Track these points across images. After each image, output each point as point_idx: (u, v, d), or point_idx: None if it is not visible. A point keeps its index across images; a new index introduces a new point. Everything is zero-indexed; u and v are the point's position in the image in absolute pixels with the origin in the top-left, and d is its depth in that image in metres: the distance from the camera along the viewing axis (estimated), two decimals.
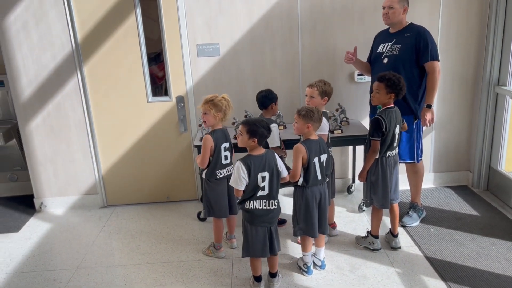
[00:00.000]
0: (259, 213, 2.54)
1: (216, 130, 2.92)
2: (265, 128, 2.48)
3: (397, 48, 3.17)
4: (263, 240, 2.58)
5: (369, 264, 2.94)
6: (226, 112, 2.88)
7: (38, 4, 3.50)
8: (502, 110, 3.65)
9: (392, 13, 3.15)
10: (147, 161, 3.94)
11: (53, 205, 4.01)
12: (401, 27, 3.20)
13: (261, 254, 2.61)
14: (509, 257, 2.91)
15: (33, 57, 3.62)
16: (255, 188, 2.50)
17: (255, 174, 2.48)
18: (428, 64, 3.11)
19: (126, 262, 3.13)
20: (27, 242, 3.49)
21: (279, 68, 3.76)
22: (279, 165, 2.56)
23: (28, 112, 3.75)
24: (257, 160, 2.49)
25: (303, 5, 3.62)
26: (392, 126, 2.84)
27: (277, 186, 2.56)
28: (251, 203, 2.52)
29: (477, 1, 3.65)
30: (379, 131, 2.83)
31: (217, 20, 3.62)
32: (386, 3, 3.18)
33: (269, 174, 2.51)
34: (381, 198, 2.96)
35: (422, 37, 3.10)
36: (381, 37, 3.35)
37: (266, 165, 2.50)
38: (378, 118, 2.83)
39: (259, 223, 2.55)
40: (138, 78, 3.72)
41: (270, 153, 2.56)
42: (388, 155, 2.91)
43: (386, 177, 2.92)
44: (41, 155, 3.86)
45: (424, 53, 3.09)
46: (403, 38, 3.17)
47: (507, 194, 3.64)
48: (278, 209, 2.61)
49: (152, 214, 3.85)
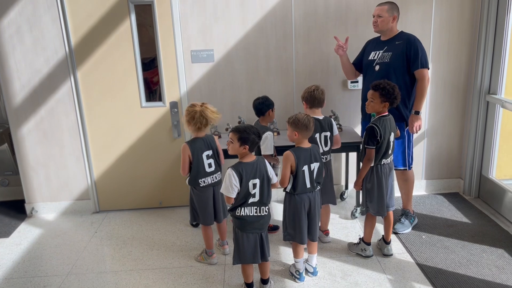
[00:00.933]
0: (250, 219, 2.54)
1: (195, 139, 2.90)
2: (256, 135, 2.48)
3: (388, 55, 3.21)
4: (254, 247, 2.58)
5: (361, 271, 2.95)
6: (201, 122, 2.83)
7: (32, 9, 3.50)
8: (492, 118, 3.69)
9: (381, 21, 3.20)
10: (140, 167, 3.93)
11: (44, 210, 3.98)
12: (392, 35, 3.25)
13: (252, 260, 2.60)
14: (499, 264, 2.93)
15: (26, 62, 3.61)
16: (246, 195, 2.50)
17: (247, 181, 2.48)
18: (418, 72, 3.15)
19: (117, 268, 3.11)
20: (17, 247, 3.46)
21: (273, 74, 3.77)
22: (269, 172, 2.56)
23: (21, 117, 3.73)
24: (248, 167, 2.49)
25: (297, 12, 3.65)
26: (386, 134, 2.86)
27: (268, 192, 2.56)
28: (242, 210, 2.52)
29: (468, 11, 3.70)
30: (373, 139, 2.85)
31: (211, 27, 3.64)
32: (375, 11, 3.24)
33: (260, 180, 2.51)
34: (377, 206, 2.97)
35: (412, 45, 3.14)
36: (372, 44, 3.39)
37: (257, 172, 2.51)
38: (373, 127, 2.84)
39: (250, 229, 2.56)
40: (131, 83, 3.72)
41: (260, 159, 2.56)
42: (383, 162, 2.93)
43: (381, 185, 2.94)
44: (33, 160, 3.84)
45: (414, 60, 3.13)
46: (394, 46, 3.21)
47: (498, 202, 3.67)
48: (268, 215, 2.61)
49: (144, 220, 3.83)
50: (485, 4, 3.54)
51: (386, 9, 3.18)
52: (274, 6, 3.62)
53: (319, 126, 2.97)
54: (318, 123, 2.96)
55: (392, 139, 2.92)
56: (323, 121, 3.00)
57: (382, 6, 3.21)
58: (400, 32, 3.25)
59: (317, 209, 2.79)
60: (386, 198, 2.96)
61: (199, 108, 2.83)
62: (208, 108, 2.85)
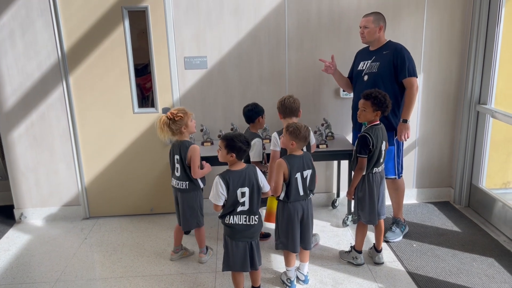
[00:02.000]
0: (240, 228, 2.52)
1: (174, 141, 3.03)
2: (243, 143, 2.46)
3: (376, 65, 3.23)
4: (243, 255, 2.56)
5: (352, 279, 2.95)
6: (164, 129, 2.91)
7: (25, 13, 3.48)
8: (483, 128, 3.73)
9: (367, 32, 3.23)
10: (132, 173, 3.91)
11: (33, 216, 3.94)
12: (380, 44, 3.27)
13: (241, 268, 2.59)
14: (489, 273, 2.95)
15: (18, 66, 3.58)
16: (234, 204, 2.48)
17: (234, 189, 2.46)
18: (406, 80, 3.17)
19: (107, 275, 3.08)
20: (5, 254, 3.41)
21: (266, 82, 3.79)
22: (260, 180, 2.53)
23: (11, 121, 3.70)
24: (236, 175, 2.48)
25: (291, 20, 3.67)
26: (378, 143, 2.88)
27: (258, 201, 2.54)
28: (231, 218, 2.51)
29: (459, 21, 3.75)
30: (366, 148, 2.86)
31: (205, 33, 3.65)
32: (361, 23, 3.28)
33: (249, 189, 2.49)
34: (368, 215, 2.98)
35: (399, 54, 3.17)
36: (361, 54, 3.42)
37: (246, 180, 2.49)
38: (365, 135, 2.86)
39: (239, 237, 2.54)
40: (124, 89, 3.71)
41: (250, 168, 2.54)
42: (374, 171, 2.94)
43: (373, 193, 2.95)
44: (23, 165, 3.80)
45: (401, 69, 3.16)
46: (381, 56, 3.23)
47: (487, 211, 3.70)
48: (259, 224, 2.59)
49: (135, 227, 3.80)
50: (475, 14, 3.60)
51: (371, 20, 3.20)
52: (267, 14, 3.64)
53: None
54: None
55: (383, 148, 2.94)
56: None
57: (368, 17, 3.24)
58: (387, 42, 3.28)
59: (310, 217, 2.79)
60: (377, 207, 2.98)
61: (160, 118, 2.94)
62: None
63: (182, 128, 2.94)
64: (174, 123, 2.90)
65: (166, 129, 2.91)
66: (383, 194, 3.03)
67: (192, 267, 3.14)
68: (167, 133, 2.93)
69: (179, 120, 2.90)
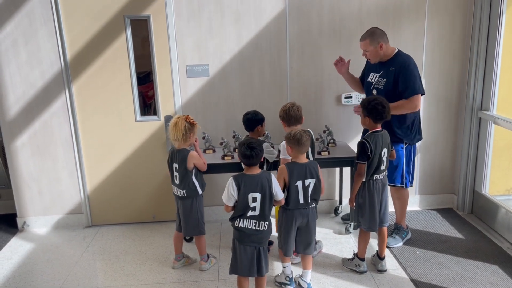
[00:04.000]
0: (248, 232, 2.54)
1: (172, 150, 3.09)
2: (245, 149, 2.49)
3: (383, 82, 3.20)
4: (250, 260, 2.57)
5: (355, 286, 2.93)
6: (178, 125, 2.95)
7: (28, 22, 3.51)
8: (485, 135, 3.73)
9: (370, 55, 3.20)
10: (134, 181, 3.91)
11: (36, 225, 3.94)
12: (388, 57, 3.20)
13: (247, 273, 2.60)
14: (493, 281, 2.93)
15: (21, 75, 3.61)
16: (245, 208, 2.51)
17: (245, 193, 2.49)
18: (409, 99, 3.10)
19: (109, 283, 3.07)
20: (8, 262, 3.41)
21: (268, 89, 3.80)
22: (273, 188, 2.54)
23: (14, 130, 3.72)
24: (248, 180, 2.51)
25: (292, 28, 3.69)
26: (378, 150, 2.87)
27: (269, 208, 2.56)
28: (241, 221, 2.53)
29: (460, 28, 3.76)
30: (364, 154, 2.86)
31: (207, 42, 3.67)
32: (361, 47, 3.23)
33: (261, 195, 2.51)
34: (368, 221, 2.98)
35: (401, 73, 3.09)
36: (372, 64, 3.30)
37: (258, 186, 2.50)
38: (364, 142, 2.86)
39: (248, 242, 2.55)
40: (126, 97, 3.72)
41: (265, 174, 2.56)
42: (375, 178, 2.93)
43: (373, 200, 2.94)
44: (25, 173, 3.82)
45: (404, 90, 3.10)
46: (388, 72, 3.17)
47: (491, 217, 3.68)
48: (268, 231, 2.60)
49: (137, 234, 3.80)
50: (476, 20, 3.61)
51: (368, 42, 3.14)
52: (268, 22, 3.66)
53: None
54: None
55: (384, 155, 2.93)
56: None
57: (364, 40, 3.17)
58: (396, 54, 3.18)
59: (312, 224, 2.79)
60: (378, 214, 2.97)
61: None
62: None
63: (190, 135, 2.98)
64: (190, 127, 2.96)
65: (181, 127, 2.93)
66: (386, 201, 3.02)
67: (194, 275, 3.13)
68: (180, 131, 2.93)
69: (194, 125, 2.98)
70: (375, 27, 3.22)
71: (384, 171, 2.98)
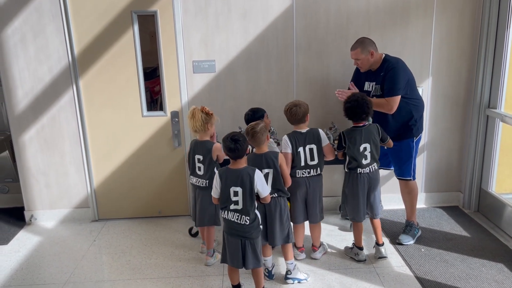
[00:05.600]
0: (231, 224, 2.62)
1: (194, 141, 3.17)
2: (229, 141, 2.54)
3: (379, 88, 3.25)
4: (234, 251, 2.64)
5: (359, 283, 2.94)
6: (195, 117, 3.02)
7: (36, 18, 3.54)
8: (492, 132, 3.70)
9: (361, 63, 3.25)
10: (140, 175, 3.93)
11: (43, 218, 3.98)
12: (378, 65, 3.26)
13: (231, 263, 2.68)
14: (498, 279, 2.92)
15: (29, 70, 3.64)
16: (226, 200, 2.59)
17: (227, 187, 2.57)
18: (388, 99, 3.17)
19: (115, 277, 3.10)
20: (16, 255, 3.45)
21: (274, 86, 3.80)
22: (256, 184, 2.56)
23: (22, 124, 3.75)
24: (231, 174, 2.59)
25: (299, 25, 3.68)
26: (355, 144, 2.98)
27: (251, 203, 2.58)
28: (225, 213, 2.62)
29: (468, 25, 3.73)
30: (339, 144, 3.08)
31: (213, 37, 3.67)
32: (352, 56, 3.27)
33: (242, 190, 2.56)
34: (351, 211, 3.12)
35: (387, 75, 3.17)
36: (365, 73, 3.36)
37: (240, 181, 2.56)
38: (340, 133, 3.08)
39: (232, 233, 2.63)
40: (133, 92, 3.74)
41: (248, 169, 2.59)
42: (359, 171, 3.03)
43: (356, 192, 3.06)
44: (33, 167, 3.85)
45: (385, 91, 3.18)
46: (379, 79, 3.24)
47: (497, 216, 3.67)
48: (252, 226, 2.61)
49: (143, 229, 3.82)
50: (485, 17, 3.58)
51: (359, 51, 3.19)
52: (275, 18, 3.66)
53: (301, 139, 3.02)
54: (300, 136, 3.02)
55: (366, 150, 3.00)
56: (306, 134, 3.03)
57: (355, 49, 3.21)
58: (384, 60, 3.25)
59: (274, 216, 2.84)
60: (362, 206, 3.08)
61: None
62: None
63: (208, 125, 3.05)
64: (206, 117, 3.03)
65: (198, 117, 3.01)
66: (375, 195, 3.11)
67: (199, 271, 3.15)
68: (198, 121, 3.01)
69: (210, 115, 3.05)
70: (363, 37, 3.29)
71: (369, 166, 3.04)
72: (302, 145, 3.01)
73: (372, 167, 3.06)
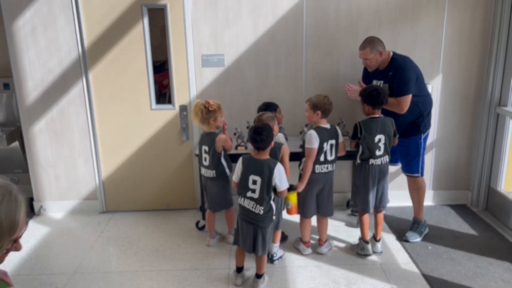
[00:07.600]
0: (246, 212, 2.69)
1: (202, 133, 3.27)
2: (253, 132, 2.62)
3: (387, 87, 3.23)
4: (246, 235, 2.72)
5: (365, 279, 2.94)
6: (198, 114, 3.13)
7: (47, 10, 3.55)
8: (502, 131, 3.67)
9: (370, 63, 3.24)
10: (148, 168, 3.95)
11: (52, 209, 4.02)
12: (386, 64, 3.25)
13: (242, 245, 2.77)
14: (506, 278, 2.91)
15: (40, 62, 3.66)
16: (244, 187, 2.67)
17: (247, 174, 2.65)
18: (399, 99, 3.17)
19: (122, 268, 3.13)
20: (25, 245, 3.44)
21: (283, 80, 3.79)
22: (274, 177, 2.62)
23: (32, 116, 3.78)
24: (252, 162, 2.66)
25: (309, 20, 3.67)
26: (371, 135, 3.00)
27: (267, 194, 2.65)
28: (242, 199, 2.71)
29: (480, 22, 3.69)
30: (354, 134, 3.09)
31: (223, 31, 3.67)
32: (360, 55, 3.26)
33: (261, 180, 2.62)
34: (361, 202, 3.16)
35: (396, 75, 3.16)
36: (373, 71, 3.35)
37: (259, 171, 2.63)
38: (356, 124, 3.07)
39: (245, 218, 2.71)
40: (142, 85, 3.75)
41: (270, 162, 2.65)
42: (371, 163, 3.05)
43: (367, 183, 3.09)
44: (43, 158, 3.89)
45: (395, 91, 3.17)
46: (388, 78, 3.23)
47: (506, 215, 3.64)
48: (265, 216, 2.68)
49: (151, 222, 3.85)
50: (497, 14, 3.54)
51: (369, 51, 3.18)
52: (285, 13, 3.64)
53: (326, 135, 3.04)
54: (325, 132, 3.04)
55: (381, 141, 3.02)
56: (330, 130, 3.06)
57: (364, 49, 3.20)
58: (392, 59, 3.24)
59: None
60: (372, 197, 3.10)
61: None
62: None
63: (211, 120, 3.13)
64: (207, 112, 3.10)
65: (199, 114, 3.12)
66: (383, 188, 3.14)
67: (206, 263, 3.17)
68: (197, 115, 3.14)
69: (212, 111, 3.10)
70: (372, 36, 3.26)
71: (381, 157, 3.06)
72: (326, 141, 3.04)
73: (384, 159, 3.09)
